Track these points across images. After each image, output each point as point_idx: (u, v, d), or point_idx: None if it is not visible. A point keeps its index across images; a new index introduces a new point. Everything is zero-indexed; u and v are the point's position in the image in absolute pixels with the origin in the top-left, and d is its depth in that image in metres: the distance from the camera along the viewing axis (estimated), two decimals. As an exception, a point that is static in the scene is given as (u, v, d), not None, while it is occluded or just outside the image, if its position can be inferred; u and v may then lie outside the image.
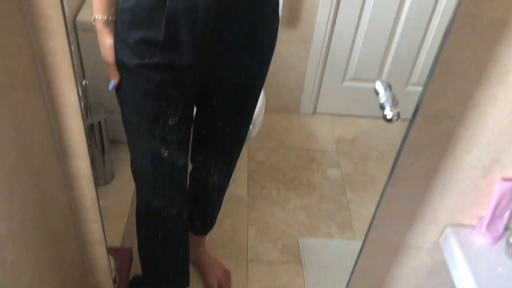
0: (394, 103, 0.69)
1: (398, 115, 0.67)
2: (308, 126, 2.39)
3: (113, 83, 1.07)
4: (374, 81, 2.33)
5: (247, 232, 1.81)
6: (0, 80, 0.65)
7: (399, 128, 2.11)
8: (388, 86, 0.69)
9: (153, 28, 0.97)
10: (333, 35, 2.18)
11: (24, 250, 0.77)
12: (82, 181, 0.86)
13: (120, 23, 1.01)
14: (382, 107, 0.69)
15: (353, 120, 2.41)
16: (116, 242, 1.50)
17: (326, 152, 2.24)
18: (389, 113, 0.68)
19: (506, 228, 0.91)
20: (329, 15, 2.10)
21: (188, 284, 1.46)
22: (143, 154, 1.14)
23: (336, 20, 2.13)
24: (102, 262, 1.01)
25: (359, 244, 1.00)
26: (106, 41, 1.03)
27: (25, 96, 0.72)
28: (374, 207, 0.91)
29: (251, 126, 1.39)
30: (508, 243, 0.88)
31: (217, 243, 1.73)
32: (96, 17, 1.02)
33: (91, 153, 0.84)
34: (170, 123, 1.09)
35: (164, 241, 1.28)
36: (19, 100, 0.70)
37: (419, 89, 2.20)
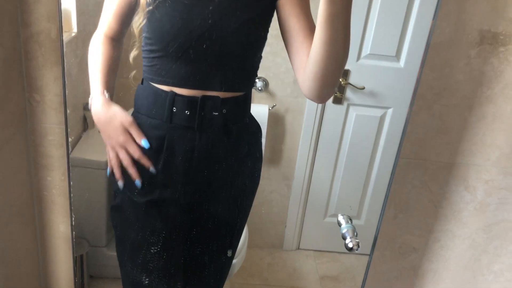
0: (355, 234, 0.75)
1: (358, 244, 0.73)
2: (292, 263, 2.38)
3: (145, 141, 1.06)
4: (354, 217, 2.41)
5: None
6: (1, 210, 0.71)
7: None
8: (349, 219, 0.76)
9: (155, 163, 1.07)
10: (313, 173, 2.30)
11: None
12: (61, 313, 0.86)
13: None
14: (343, 237, 0.75)
15: (336, 256, 2.41)
16: None
17: (310, 290, 2.21)
18: (350, 243, 0.74)
19: None
20: (308, 154, 2.24)
21: None
22: (125, 281, 1.19)
23: (315, 159, 2.27)
24: None
25: None
26: (116, 107, 1.05)
27: (19, 227, 0.76)
28: None
29: (234, 259, 1.41)
30: None
31: None
32: (99, 94, 1.05)
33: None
34: (152, 251, 1.13)
35: None
36: (14, 230, 0.75)
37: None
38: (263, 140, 2.10)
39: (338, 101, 2.16)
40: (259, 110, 2.10)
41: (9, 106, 0.69)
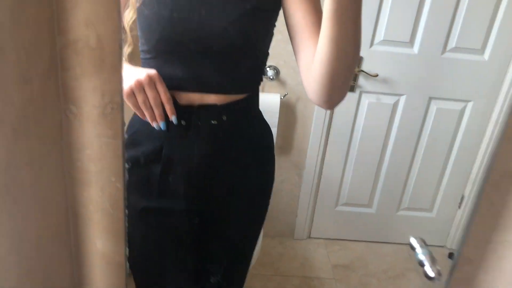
0: (434, 260, 0.71)
1: (439, 273, 0.69)
2: (304, 252, 2.37)
3: (174, 117, 0.97)
4: (366, 206, 2.39)
5: None
6: (37, 234, 0.66)
7: (394, 253, 2.11)
8: (424, 243, 0.72)
9: (151, 174, 1.02)
10: (325, 161, 2.28)
11: None
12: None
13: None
14: (421, 264, 0.71)
15: (347, 244, 2.41)
16: None
17: (323, 279, 2.20)
18: (430, 272, 0.70)
19: None
20: (319, 143, 2.21)
21: None
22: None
23: (327, 148, 2.24)
24: None
25: None
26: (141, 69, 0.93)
27: (54, 246, 0.72)
28: None
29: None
30: None
31: None
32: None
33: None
34: (162, 263, 1.10)
35: None
36: (50, 255, 0.70)
37: (410, 213, 2.25)
38: (274, 130, 2.06)
39: (350, 88, 2.12)
40: (271, 100, 2.05)
41: (47, 119, 0.64)
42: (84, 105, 0.65)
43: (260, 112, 1.12)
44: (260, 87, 1.09)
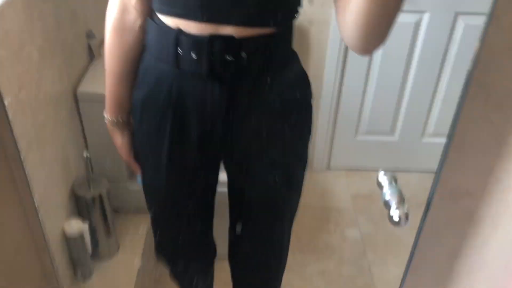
0: (402, 203, 0.60)
1: (406, 216, 0.59)
2: (323, 183, 2.31)
3: (139, 177, 1.07)
4: (388, 133, 2.28)
5: (262, 303, 1.70)
6: None
7: (418, 181, 2.01)
8: (394, 179, 0.62)
9: (161, 119, 0.93)
10: (342, 89, 2.15)
11: None
12: None
13: (133, 110, 1.00)
14: (386, 205, 0.61)
15: (368, 174, 2.32)
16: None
17: (343, 210, 2.15)
18: (395, 215, 0.59)
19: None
20: (336, 69, 2.07)
21: None
22: (160, 230, 1.17)
23: (345, 74, 2.10)
24: None
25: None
26: (117, 141, 1.04)
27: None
28: (397, 270, 0.80)
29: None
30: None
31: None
32: (108, 118, 1.02)
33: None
34: (182, 203, 1.07)
35: None
36: None
37: (437, 140, 2.11)
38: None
39: (368, 7, 1.94)
40: (280, 24, 1.90)
41: None
42: None
43: (295, 55, 0.95)
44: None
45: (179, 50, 0.83)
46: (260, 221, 1.11)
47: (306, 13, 1.95)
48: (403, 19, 1.91)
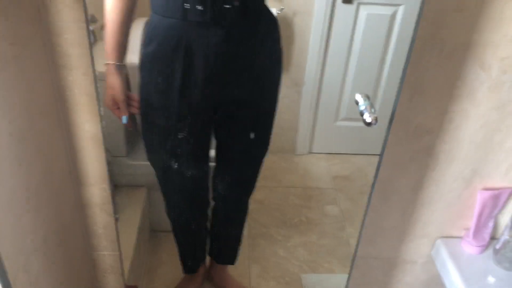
0: (372, 110, 0.77)
1: (376, 119, 0.76)
2: (305, 165, 2.46)
3: (126, 117, 1.20)
4: (365, 119, 2.43)
5: (250, 270, 1.83)
6: (24, 112, 0.74)
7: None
8: (367, 97, 0.78)
9: (172, 73, 1.10)
10: (323, 77, 2.30)
11: (45, 268, 0.82)
12: (94, 208, 0.93)
13: (143, 66, 1.15)
14: (362, 114, 0.77)
15: (348, 157, 2.49)
16: (120, 280, 1.54)
17: (323, 189, 2.30)
18: (368, 118, 0.76)
19: (492, 237, 0.97)
20: (318, 58, 2.23)
21: None
22: (157, 167, 1.31)
23: (326, 63, 2.26)
24: (112, 290, 1.05)
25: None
26: (117, 81, 1.16)
27: (46, 126, 0.80)
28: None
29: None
30: (494, 250, 0.94)
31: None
32: (110, 62, 1.15)
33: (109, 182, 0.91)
34: (179, 137, 1.21)
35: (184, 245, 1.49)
36: (42, 129, 0.78)
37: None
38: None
39: (348, 0, 2.11)
40: (267, 14, 2.05)
41: (24, 2, 0.69)
42: (59, -11, 0.70)
43: (267, 6, 1.18)
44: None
45: (185, 5, 1.02)
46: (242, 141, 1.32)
47: (291, 5, 2.11)
48: (381, 11, 2.09)
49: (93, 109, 0.81)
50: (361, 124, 2.46)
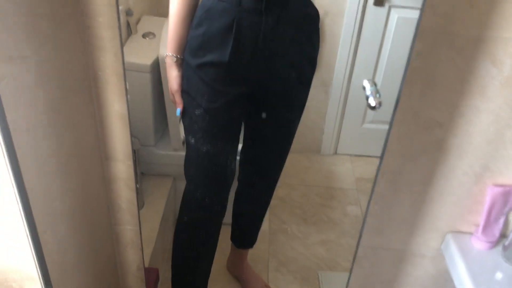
0: (377, 95, 0.80)
1: (380, 103, 0.79)
2: (329, 166, 2.48)
3: (179, 110, 1.26)
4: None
5: (268, 264, 1.87)
6: (58, 85, 0.81)
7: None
8: (374, 83, 0.81)
9: (221, 50, 1.15)
10: (352, 78, 2.32)
11: (71, 232, 0.89)
12: (119, 183, 0.99)
13: (189, 50, 1.20)
14: (367, 98, 0.81)
15: (373, 160, 2.48)
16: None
17: (346, 190, 2.32)
18: (372, 101, 0.80)
19: (502, 235, 0.98)
20: (347, 60, 2.25)
21: None
22: (192, 149, 1.32)
23: (355, 65, 2.28)
24: (133, 264, 1.11)
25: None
26: (174, 73, 1.23)
27: (78, 102, 0.87)
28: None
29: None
30: (504, 247, 0.95)
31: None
32: (169, 54, 1.22)
33: (134, 157, 0.97)
34: (219, 123, 1.26)
35: (196, 239, 1.44)
36: (74, 104, 0.85)
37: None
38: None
39: (379, 3, 2.12)
40: (298, 14, 2.09)
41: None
42: (94, -25, 0.76)
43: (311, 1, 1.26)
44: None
45: None
46: (279, 112, 1.35)
47: (322, 5, 2.14)
48: (413, 15, 2.09)
49: (122, 89, 0.88)
50: (388, 127, 2.46)
